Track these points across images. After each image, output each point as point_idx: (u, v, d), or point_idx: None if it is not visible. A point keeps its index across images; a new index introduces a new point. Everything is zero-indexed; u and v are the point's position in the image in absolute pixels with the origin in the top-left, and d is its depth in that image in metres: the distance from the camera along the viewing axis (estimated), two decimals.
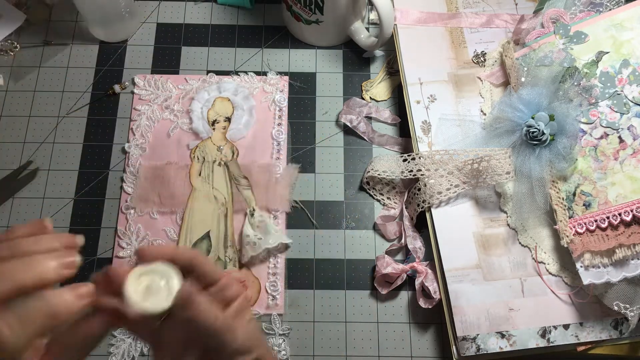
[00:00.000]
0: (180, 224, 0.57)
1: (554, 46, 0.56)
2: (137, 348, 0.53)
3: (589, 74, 0.53)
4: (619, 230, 0.48)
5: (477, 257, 0.53)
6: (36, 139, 0.61)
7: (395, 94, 0.64)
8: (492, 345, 0.50)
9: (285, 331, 0.54)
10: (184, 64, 0.65)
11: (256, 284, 0.56)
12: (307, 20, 0.62)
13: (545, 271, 0.52)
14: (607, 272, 0.48)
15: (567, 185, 0.52)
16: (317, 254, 0.57)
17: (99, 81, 0.64)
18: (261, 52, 0.66)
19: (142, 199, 0.58)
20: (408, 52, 0.61)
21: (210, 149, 0.60)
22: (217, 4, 0.68)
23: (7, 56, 0.64)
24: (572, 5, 0.57)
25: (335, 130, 0.62)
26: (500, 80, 0.59)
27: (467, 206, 0.55)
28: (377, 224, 0.58)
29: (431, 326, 0.55)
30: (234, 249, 0.57)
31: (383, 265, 0.54)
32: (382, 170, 0.57)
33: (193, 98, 0.63)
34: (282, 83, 0.64)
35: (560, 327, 0.50)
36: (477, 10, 0.64)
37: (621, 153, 0.50)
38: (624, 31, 0.53)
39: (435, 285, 0.53)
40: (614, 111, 0.52)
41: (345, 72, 0.65)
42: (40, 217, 0.58)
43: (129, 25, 0.65)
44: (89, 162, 0.60)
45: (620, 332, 0.50)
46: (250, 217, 0.57)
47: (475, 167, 0.54)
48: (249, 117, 0.62)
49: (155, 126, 0.61)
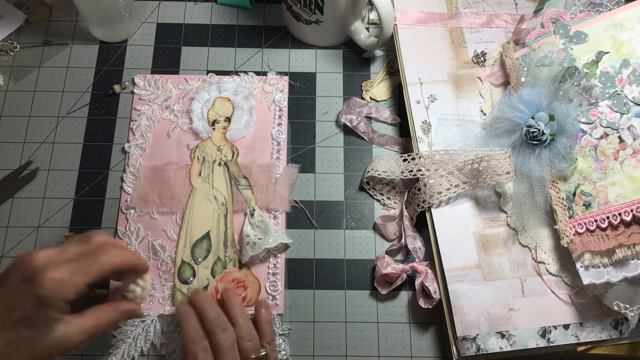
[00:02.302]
0: (180, 224, 0.57)
1: (554, 46, 0.56)
2: (137, 348, 0.53)
3: (589, 74, 0.53)
4: (619, 230, 0.48)
5: (477, 257, 0.53)
6: (36, 139, 0.61)
7: (395, 94, 0.64)
8: (492, 345, 0.50)
9: (285, 331, 0.54)
10: (184, 64, 0.65)
11: (256, 284, 0.56)
12: (307, 20, 0.62)
13: (545, 271, 0.52)
14: (607, 272, 0.48)
15: (567, 185, 0.52)
16: (317, 254, 0.57)
17: (99, 81, 0.64)
18: (261, 52, 0.66)
19: (142, 199, 0.58)
20: (408, 52, 0.61)
21: (210, 149, 0.60)
22: (217, 4, 0.68)
23: (7, 56, 0.65)
24: (572, 5, 0.57)
25: (335, 130, 0.62)
26: (500, 80, 0.59)
27: (467, 206, 0.55)
28: (377, 224, 0.58)
29: (431, 326, 0.55)
30: (234, 249, 0.57)
31: (383, 265, 0.54)
32: (382, 170, 0.57)
33: (193, 98, 0.63)
34: (282, 83, 0.64)
35: (560, 327, 0.50)
36: (477, 10, 0.64)
37: (621, 153, 0.50)
38: (624, 31, 0.53)
39: (435, 285, 0.53)
40: (614, 111, 0.52)
41: (345, 72, 0.65)
42: (40, 217, 0.58)
43: (129, 25, 0.65)
44: (89, 162, 0.60)
45: (620, 332, 0.50)
46: (250, 217, 0.57)
47: (475, 167, 0.54)
48: (249, 117, 0.62)
49: (155, 126, 0.61)
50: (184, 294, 0.55)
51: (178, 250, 0.56)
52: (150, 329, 0.54)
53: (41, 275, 0.40)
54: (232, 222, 0.58)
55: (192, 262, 0.56)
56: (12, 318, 0.40)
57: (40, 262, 0.41)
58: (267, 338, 0.50)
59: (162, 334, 0.54)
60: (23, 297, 0.40)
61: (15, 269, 0.41)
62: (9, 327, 0.40)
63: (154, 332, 0.54)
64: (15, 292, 0.40)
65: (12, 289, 0.40)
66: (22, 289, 0.40)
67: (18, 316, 0.40)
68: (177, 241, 0.57)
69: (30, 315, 0.40)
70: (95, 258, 0.43)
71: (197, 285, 0.55)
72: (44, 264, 0.41)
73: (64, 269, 0.41)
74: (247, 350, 0.48)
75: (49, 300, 0.40)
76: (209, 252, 0.57)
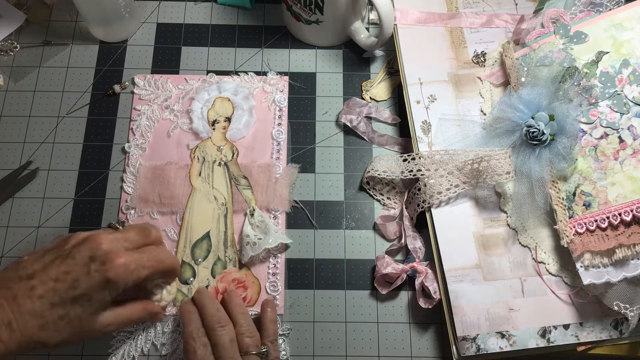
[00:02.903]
0: (180, 224, 0.57)
1: (554, 46, 0.56)
2: (137, 348, 0.53)
3: (589, 74, 0.53)
4: (619, 230, 0.48)
5: (477, 257, 0.53)
6: (36, 139, 0.61)
7: (395, 94, 0.64)
8: (492, 345, 0.50)
9: (285, 331, 0.54)
10: (184, 64, 0.65)
11: (256, 284, 0.56)
12: (307, 20, 0.62)
13: (545, 271, 0.52)
14: (607, 272, 0.48)
15: (567, 185, 0.52)
16: (317, 254, 0.57)
17: (99, 81, 0.64)
18: (261, 52, 0.66)
19: (142, 199, 0.58)
20: (408, 52, 0.61)
21: (210, 149, 0.60)
22: (217, 4, 0.68)
23: (7, 56, 0.65)
24: (572, 5, 0.57)
25: (335, 130, 0.62)
26: (500, 80, 0.59)
27: (467, 206, 0.55)
28: (377, 224, 0.58)
29: (431, 326, 0.55)
30: (234, 249, 0.57)
31: (383, 265, 0.54)
32: (382, 170, 0.57)
33: (193, 98, 0.63)
34: (282, 83, 0.64)
35: (560, 327, 0.50)
36: (477, 10, 0.64)
37: (621, 153, 0.50)
38: (624, 31, 0.53)
39: (435, 285, 0.53)
40: (614, 111, 0.52)
41: (345, 72, 0.65)
42: (40, 217, 0.58)
43: (129, 25, 0.65)
44: (89, 162, 0.60)
45: (620, 332, 0.50)
46: (250, 217, 0.57)
47: (475, 167, 0.54)
48: (249, 117, 0.62)
49: (155, 126, 0.61)
50: (184, 294, 0.55)
51: (178, 251, 0.57)
52: (150, 329, 0.54)
53: (112, 259, 0.41)
54: (232, 222, 0.58)
55: (192, 262, 0.56)
56: (72, 294, 0.40)
57: (109, 245, 0.42)
58: (270, 337, 0.51)
59: (163, 334, 0.54)
60: (89, 276, 0.40)
61: (81, 247, 0.42)
62: (67, 302, 0.40)
63: (154, 332, 0.54)
64: (81, 269, 0.41)
65: (77, 266, 0.41)
66: (89, 268, 0.41)
67: (78, 293, 0.40)
68: (177, 241, 0.57)
69: (90, 295, 0.41)
70: (157, 253, 0.45)
71: (197, 285, 0.55)
72: (112, 248, 0.42)
73: (131, 257, 0.42)
74: (248, 346, 0.48)
75: (115, 285, 0.41)
76: (209, 252, 0.57)
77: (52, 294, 0.40)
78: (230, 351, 0.47)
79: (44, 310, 0.40)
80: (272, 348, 0.50)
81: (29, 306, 0.40)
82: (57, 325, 0.40)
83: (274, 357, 0.50)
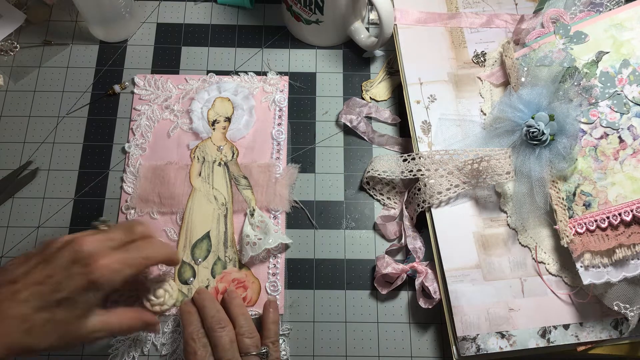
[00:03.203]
0: (180, 224, 0.57)
1: (554, 46, 0.56)
2: (137, 348, 0.53)
3: (589, 74, 0.53)
4: (619, 230, 0.48)
5: (477, 257, 0.53)
6: (36, 139, 0.61)
7: (395, 94, 0.64)
8: (492, 345, 0.50)
9: (285, 331, 0.54)
10: (184, 64, 0.65)
11: (256, 284, 0.56)
12: (307, 20, 0.62)
13: (545, 271, 0.52)
14: (607, 272, 0.48)
15: (567, 185, 0.52)
16: (317, 254, 0.57)
17: (99, 81, 0.64)
18: (261, 52, 0.66)
19: (142, 199, 0.58)
20: (408, 52, 0.61)
21: (210, 149, 0.60)
22: (217, 4, 0.68)
23: (7, 56, 0.65)
24: (572, 5, 0.57)
25: (335, 130, 0.62)
26: (500, 80, 0.59)
27: (467, 206, 0.55)
28: (377, 224, 0.58)
29: (431, 326, 0.55)
30: (234, 249, 0.57)
31: (383, 265, 0.54)
32: (382, 170, 0.57)
33: (193, 98, 0.63)
34: (282, 83, 0.64)
35: (560, 327, 0.50)
36: (477, 10, 0.64)
37: (621, 153, 0.50)
38: (624, 31, 0.53)
39: (435, 285, 0.53)
40: (614, 111, 0.52)
41: (345, 72, 0.65)
42: (40, 217, 0.58)
43: (129, 25, 0.65)
44: (89, 162, 0.60)
45: (620, 332, 0.50)
46: (250, 217, 0.57)
47: (475, 167, 0.54)
48: (249, 117, 0.62)
49: (155, 126, 0.61)
50: (185, 294, 0.55)
51: (178, 251, 0.56)
52: None
53: (95, 260, 0.40)
54: (232, 222, 0.58)
55: (192, 263, 0.56)
56: (56, 297, 0.40)
57: (91, 246, 0.41)
58: (271, 338, 0.51)
59: (163, 334, 0.54)
60: (71, 279, 0.40)
61: (64, 250, 0.41)
62: (52, 306, 0.40)
63: (155, 332, 0.54)
64: (63, 272, 0.40)
65: (60, 269, 0.40)
66: (71, 270, 0.40)
67: (62, 296, 0.40)
68: (177, 241, 0.57)
69: (74, 298, 0.40)
70: (142, 250, 0.43)
71: (197, 285, 0.55)
72: (95, 249, 0.41)
73: (115, 257, 0.41)
74: (248, 347, 0.48)
75: (99, 286, 0.40)
76: (209, 253, 0.57)
77: (35, 297, 0.39)
78: (230, 352, 0.47)
79: (29, 314, 0.39)
80: (273, 349, 0.50)
81: (14, 310, 0.39)
82: (43, 329, 0.39)
83: (275, 357, 0.50)
